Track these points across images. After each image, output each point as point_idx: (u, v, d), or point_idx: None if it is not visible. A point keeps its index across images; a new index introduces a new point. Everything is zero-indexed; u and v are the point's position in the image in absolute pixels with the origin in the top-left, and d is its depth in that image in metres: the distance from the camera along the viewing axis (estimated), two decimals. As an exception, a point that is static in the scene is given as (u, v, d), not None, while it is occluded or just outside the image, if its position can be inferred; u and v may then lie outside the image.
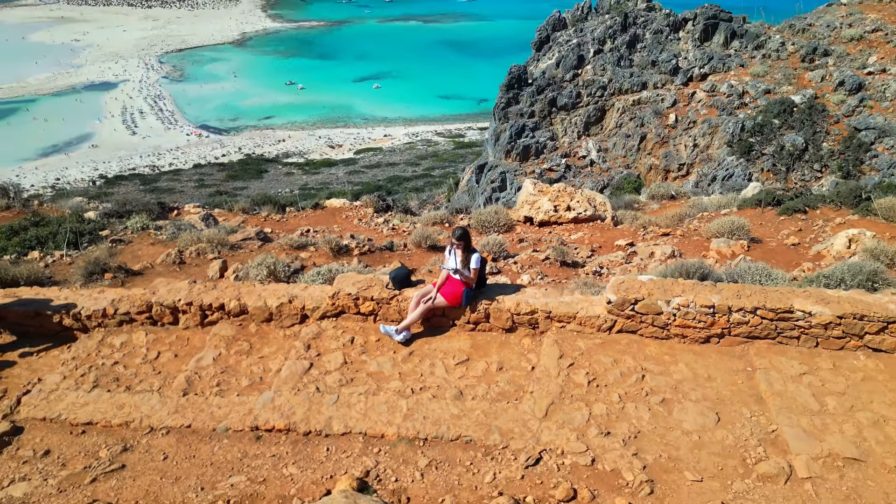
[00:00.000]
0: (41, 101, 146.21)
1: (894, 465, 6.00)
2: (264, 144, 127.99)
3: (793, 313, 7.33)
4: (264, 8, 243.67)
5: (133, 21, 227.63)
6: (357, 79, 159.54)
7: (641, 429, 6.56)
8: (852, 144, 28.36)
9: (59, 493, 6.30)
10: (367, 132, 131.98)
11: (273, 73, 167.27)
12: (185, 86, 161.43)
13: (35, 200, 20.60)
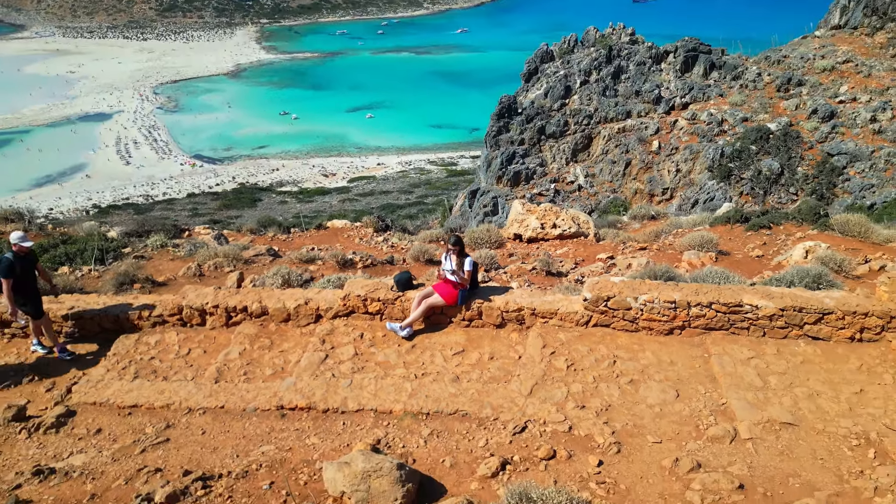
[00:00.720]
0: (35, 132, 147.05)
1: (822, 428, 7.14)
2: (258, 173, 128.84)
3: (742, 307, 8.52)
4: (258, 40, 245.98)
5: (128, 53, 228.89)
6: (350, 109, 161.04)
7: (612, 403, 7.69)
8: (825, 169, 29.87)
9: (113, 462, 7.35)
10: (360, 161, 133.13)
11: (267, 104, 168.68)
12: (180, 116, 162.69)
13: (49, 224, 21.73)
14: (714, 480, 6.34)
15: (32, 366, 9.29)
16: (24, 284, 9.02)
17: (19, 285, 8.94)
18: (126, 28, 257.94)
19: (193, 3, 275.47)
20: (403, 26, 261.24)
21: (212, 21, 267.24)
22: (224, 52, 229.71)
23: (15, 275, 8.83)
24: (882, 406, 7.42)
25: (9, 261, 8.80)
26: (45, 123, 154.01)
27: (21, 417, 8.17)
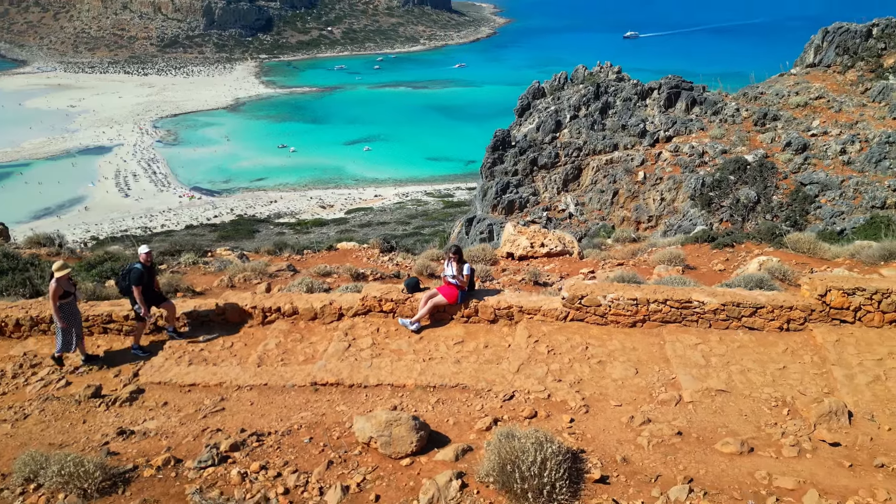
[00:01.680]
0: (35, 165, 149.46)
1: (749, 394, 8.96)
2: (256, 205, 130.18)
3: (691, 303, 10.39)
4: (258, 75, 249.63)
5: (129, 88, 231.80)
6: (348, 142, 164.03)
7: (583, 378, 9.50)
8: (798, 197, 31.94)
9: (181, 425, 9.10)
10: (357, 192, 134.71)
11: (265, 137, 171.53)
12: (179, 149, 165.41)
13: (78, 248, 23.59)
14: (659, 429, 8.14)
15: (103, 358, 11.06)
16: (148, 288, 10.85)
17: (144, 289, 10.76)
18: (127, 63, 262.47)
19: (194, 40, 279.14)
20: (401, 62, 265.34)
21: (212, 56, 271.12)
22: (223, 86, 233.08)
23: (143, 282, 10.67)
24: (799, 379, 9.24)
25: (139, 271, 10.64)
26: (45, 157, 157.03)
27: (98, 395, 9.93)
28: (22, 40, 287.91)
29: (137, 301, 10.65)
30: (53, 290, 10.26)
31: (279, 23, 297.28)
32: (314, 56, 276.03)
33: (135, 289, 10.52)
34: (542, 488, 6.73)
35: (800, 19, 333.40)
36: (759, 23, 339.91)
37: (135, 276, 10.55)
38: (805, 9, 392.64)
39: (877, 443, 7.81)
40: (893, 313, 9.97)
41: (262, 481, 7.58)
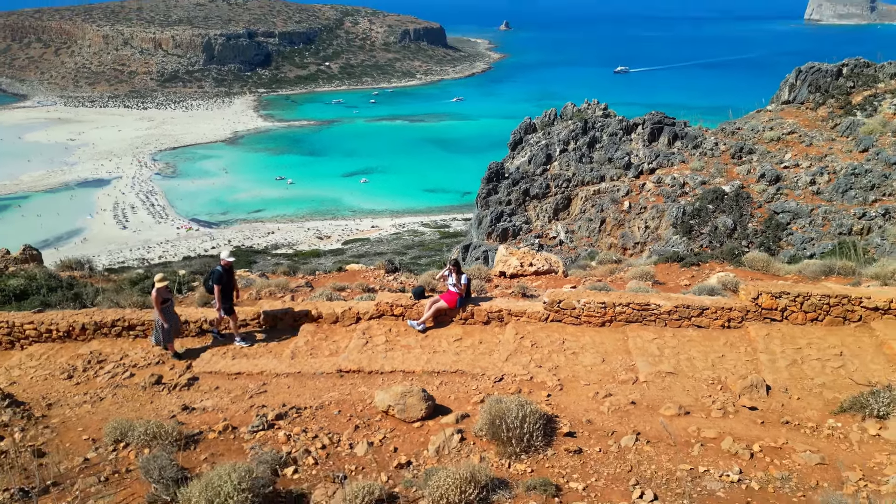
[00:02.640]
0: (34, 198, 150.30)
1: (692, 375, 11.09)
2: (254, 236, 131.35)
3: (650, 306, 12.57)
4: (256, 108, 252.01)
5: (129, 121, 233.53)
6: (345, 174, 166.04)
7: (559, 365, 11.63)
8: (772, 225, 34.30)
9: (232, 403, 11.17)
10: (354, 224, 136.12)
11: (263, 169, 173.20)
12: (178, 181, 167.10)
13: (106, 272, 25.69)
14: (617, 400, 10.26)
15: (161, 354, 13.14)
16: (227, 290, 12.96)
17: (224, 290, 12.87)
18: (127, 97, 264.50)
19: (194, 74, 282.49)
20: (397, 96, 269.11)
21: (211, 91, 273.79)
22: (222, 119, 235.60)
23: (223, 282, 12.79)
24: (733, 364, 11.39)
25: (219, 272, 12.81)
26: (44, 189, 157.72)
27: (159, 382, 12.01)
28: (23, 75, 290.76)
29: (215, 297, 12.78)
30: (155, 297, 12.46)
31: (277, 58, 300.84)
32: (312, 90, 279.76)
33: (215, 287, 12.67)
34: (522, 436, 8.84)
35: (792, 54, 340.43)
36: (750, 58, 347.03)
37: (215, 277, 12.73)
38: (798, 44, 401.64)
39: (786, 408, 9.96)
40: (813, 312, 12.16)
41: (303, 440, 9.67)
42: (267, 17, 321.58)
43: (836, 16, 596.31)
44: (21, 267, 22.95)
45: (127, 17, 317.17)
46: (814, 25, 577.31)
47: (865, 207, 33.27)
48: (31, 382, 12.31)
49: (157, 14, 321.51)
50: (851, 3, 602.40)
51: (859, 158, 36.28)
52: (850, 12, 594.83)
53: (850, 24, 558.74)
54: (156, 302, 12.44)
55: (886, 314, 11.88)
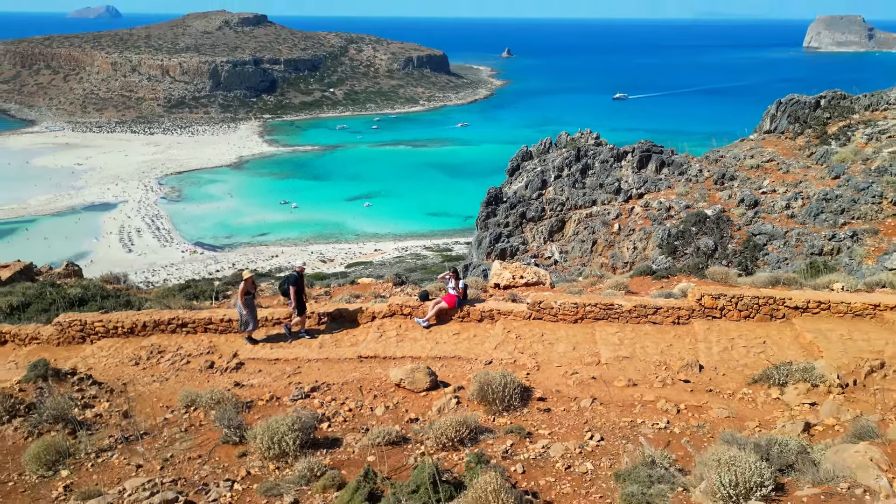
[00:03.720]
0: (41, 222, 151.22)
1: (644, 358, 13.79)
2: (258, 260, 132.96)
3: (613, 306, 15.29)
4: (261, 134, 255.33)
5: (135, 146, 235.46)
6: (349, 198, 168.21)
7: (538, 352, 14.34)
8: (750, 246, 37.01)
9: (274, 381, 13.86)
10: (358, 247, 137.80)
11: (268, 193, 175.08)
12: (183, 205, 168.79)
13: (140, 284, 28.41)
14: (581, 377, 12.96)
15: (211, 345, 15.87)
16: (300, 293, 15.70)
17: (297, 291, 15.59)
18: (134, 123, 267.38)
19: (200, 100, 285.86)
20: (400, 121, 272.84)
21: (217, 116, 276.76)
22: (227, 145, 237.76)
23: (298, 285, 15.52)
24: (678, 351, 14.09)
25: (296, 276, 15.59)
26: (51, 213, 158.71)
27: (212, 367, 14.70)
28: (31, 101, 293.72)
29: (291, 298, 15.48)
30: (242, 289, 15.22)
31: (283, 84, 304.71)
32: (316, 116, 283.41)
33: (291, 288, 15.41)
34: (504, 399, 11.54)
35: (791, 81, 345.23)
36: (749, 85, 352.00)
37: (291, 280, 15.53)
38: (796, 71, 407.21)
39: (713, 381, 12.65)
40: (746, 311, 14.89)
41: (334, 406, 12.37)
42: (273, 45, 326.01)
43: (834, 43, 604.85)
44: (65, 280, 25.77)
45: (135, 45, 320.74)
46: (813, 53, 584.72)
47: (835, 230, 36.01)
48: (105, 368, 15.01)
49: (164, 42, 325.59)
50: (849, 31, 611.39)
51: (831, 185, 39.11)
52: (849, 40, 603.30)
53: (849, 52, 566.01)
54: (240, 293, 15.16)
55: (805, 312, 14.59)
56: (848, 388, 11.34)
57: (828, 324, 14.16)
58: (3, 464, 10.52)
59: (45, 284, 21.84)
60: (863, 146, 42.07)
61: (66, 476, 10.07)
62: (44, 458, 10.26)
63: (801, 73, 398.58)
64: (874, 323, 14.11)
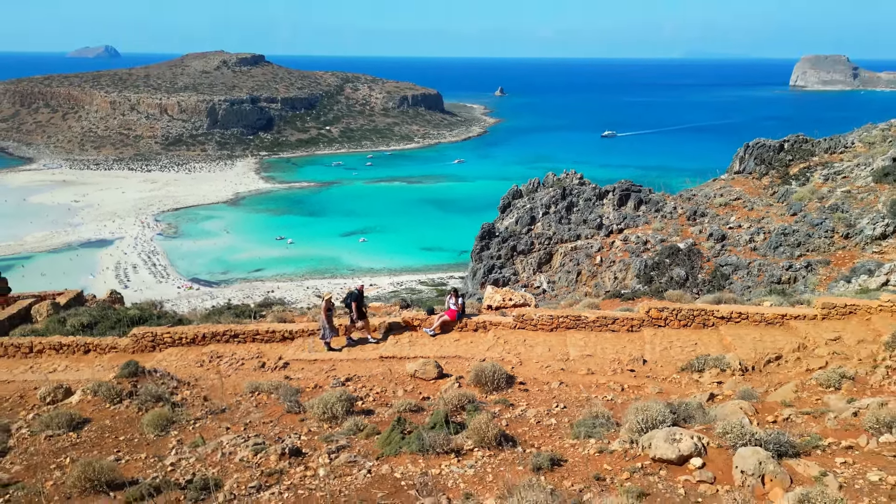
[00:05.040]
0: (37, 258, 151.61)
1: (603, 356, 17.76)
2: (253, 295, 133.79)
3: (580, 317, 19.31)
4: (258, 170, 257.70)
5: (133, 183, 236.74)
6: (344, 233, 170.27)
7: (521, 352, 18.31)
8: (717, 275, 41.09)
9: (314, 375, 17.74)
10: (353, 282, 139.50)
11: (264, 229, 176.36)
12: (179, 242, 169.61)
13: (168, 312, 32.15)
14: (553, 369, 16.92)
15: (259, 352, 19.75)
16: (360, 306, 19.59)
17: (358, 306, 19.48)
18: (132, 160, 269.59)
19: (197, 138, 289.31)
20: (396, 158, 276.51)
21: (214, 153, 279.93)
22: (224, 181, 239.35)
23: (358, 301, 19.42)
24: (629, 351, 18.06)
25: (355, 294, 19.49)
26: (48, 250, 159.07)
27: (264, 366, 18.56)
28: (30, 139, 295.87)
29: (352, 311, 19.37)
30: (324, 306, 19.12)
31: (279, 122, 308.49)
32: (313, 153, 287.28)
33: (353, 303, 19.31)
34: (493, 382, 15.47)
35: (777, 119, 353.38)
36: (736, 122, 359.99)
37: (353, 296, 19.42)
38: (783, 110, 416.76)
39: (653, 370, 16.63)
40: (685, 321, 18.91)
41: (364, 390, 16.25)
42: (270, 84, 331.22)
43: (820, 82, 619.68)
44: (113, 306, 29.58)
45: (134, 84, 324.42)
46: (799, 91, 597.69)
47: (792, 261, 40.26)
48: (176, 369, 18.82)
49: (163, 81, 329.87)
50: (834, 70, 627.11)
51: (790, 221, 43.49)
52: (834, 79, 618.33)
53: (834, 91, 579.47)
54: (324, 310, 19.08)
55: (729, 321, 18.63)
56: (748, 372, 15.35)
57: (746, 330, 18.19)
58: (126, 428, 14.33)
59: (105, 307, 25.68)
60: (820, 185, 46.60)
61: (175, 435, 13.88)
62: (157, 423, 14.08)
63: (788, 111, 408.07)
64: (781, 329, 18.14)
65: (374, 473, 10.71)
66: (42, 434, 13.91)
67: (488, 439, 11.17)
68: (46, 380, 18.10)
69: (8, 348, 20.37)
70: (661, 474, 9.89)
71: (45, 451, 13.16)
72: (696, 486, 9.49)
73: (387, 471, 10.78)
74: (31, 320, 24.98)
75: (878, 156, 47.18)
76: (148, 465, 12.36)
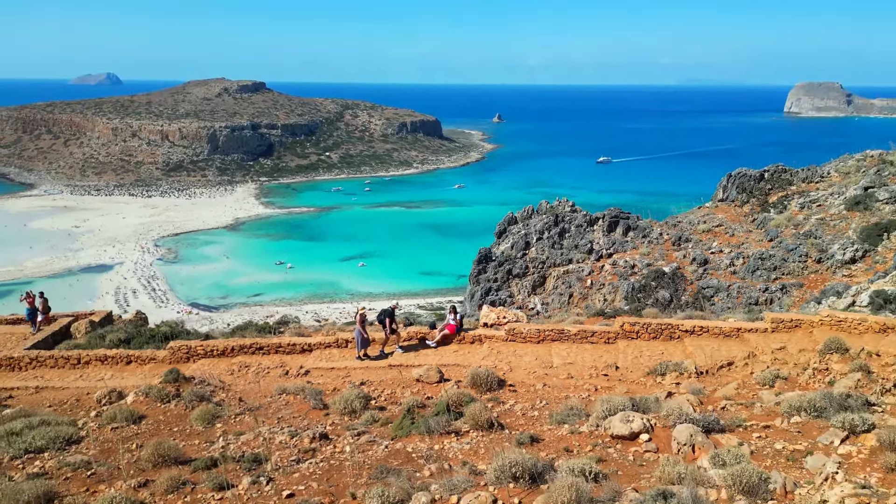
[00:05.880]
0: (37, 284, 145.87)
1: (582, 364, 20.53)
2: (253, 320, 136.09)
3: (563, 331, 22.09)
4: (258, 196, 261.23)
5: (133, 209, 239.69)
6: (344, 258, 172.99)
7: (511, 361, 21.08)
8: (699, 297, 43.87)
9: (332, 381, 20.46)
10: (352, 306, 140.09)
11: (264, 254, 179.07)
12: (179, 267, 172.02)
13: (191, 331, 34.77)
14: (538, 374, 19.68)
15: (282, 362, 22.45)
16: (392, 321, 22.28)
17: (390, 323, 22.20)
18: (132, 186, 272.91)
19: (198, 164, 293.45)
20: (395, 183, 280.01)
21: (214, 179, 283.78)
22: (224, 207, 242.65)
23: (392, 318, 22.13)
24: (605, 360, 20.82)
25: (388, 311, 22.19)
26: (47, 275, 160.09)
27: (287, 374, 21.27)
28: (31, 165, 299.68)
29: (386, 327, 22.08)
30: (359, 318, 21.83)
31: (279, 148, 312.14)
32: (312, 178, 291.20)
33: (386, 319, 22.05)
34: (487, 384, 18.22)
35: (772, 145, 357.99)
36: (732, 148, 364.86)
37: (386, 313, 22.16)
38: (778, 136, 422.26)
39: (623, 375, 19.39)
40: (654, 333, 21.69)
41: (376, 392, 18.98)
42: (270, 111, 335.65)
43: (814, 109, 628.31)
44: (139, 326, 32.26)
45: (136, 111, 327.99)
46: (793, 118, 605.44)
47: (768, 284, 43.10)
48: (210, 377, 21.52)
49: (165, 108, 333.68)
50: (828, 97, 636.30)
51: (767, 246, 46.42)
52: (828, 105, 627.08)
53: (829, 117, 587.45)
54: (359, 321, 21.82)
55: (692, 334, 21.42)
56: (703, 375, 18.13)
57: (706, 341, 20.98)
58: (178, 422, 17.01)
59: (138, 325, 28.43)
60: (796, 213, 49.64)
61: (220, 427, 16.57)
62: (204, 417, 16.77)
63: (785, 137, 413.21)
64: (736, 340, 20.93)
65: (390, 449, 13.44)
66: (108, 426, 16.59)
67: (481, 423, 13.92)
68: (96, 386, 20.81)
69: (58, 360, 23.07)
70: (617, 447, 12.65)
71: (113, 440, 15.82)
72: (642, 455, 12.24)
73: (400, 447, 13.51)
74: (71, 337, 27.71)
75: (851, 185, 50.31)
76: (202, 448, 15.03)
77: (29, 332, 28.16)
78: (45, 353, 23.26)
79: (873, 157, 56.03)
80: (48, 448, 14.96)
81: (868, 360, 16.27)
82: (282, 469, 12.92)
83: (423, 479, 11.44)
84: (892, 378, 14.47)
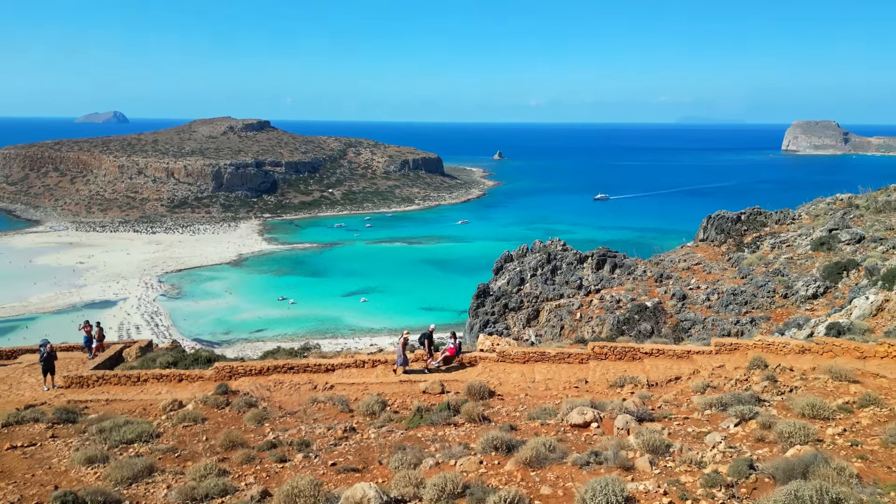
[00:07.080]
0: (41, 319, 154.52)
1: (559, 379, 24.97)
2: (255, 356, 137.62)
3: (545, 353, 26.55)
4: (261, 232, 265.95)
5: (138, 245, 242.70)
6: (345, 293, 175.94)
7: (501, 377, 25.52)
8: (678, 329, 48.21)
9: (353, 392, 24.86)
10: (353, 342, 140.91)
11: (266, 290, 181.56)
12: (182, 302, 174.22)
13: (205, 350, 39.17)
14: (522, 387, 24.11)
15: (310, 379, 26.90)
16: (430, 344, 26.70)
17: (429, 344, 26.65)
18: (137, 222, 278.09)
19: (202, 200, 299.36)
20: (397, 220, 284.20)
21: (218, 215, 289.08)
22: (228, 243, 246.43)
23: (430, 339, 26.62)
24: (578, 376, 25.23)
25: (428, 334, 26.63)
26: (52, 311, 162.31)
27: (315, 388, 25.66)
28: (37, 202, 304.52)
29: (425, 348, 26.51)
30: (402, 342, 26.20)
31: (283, 185, 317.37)
32: (315, 215, 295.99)
33: (426, 341, 26.49)
34: (480, 393, 22.67)
35: (770, 182, 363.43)
36: (729, 185, 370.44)
37: (425, 336, 26.57)
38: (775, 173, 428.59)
39: (591, 388, 23.81)
40: (620, 354, 26.13)
41: (391, 400, 23.40)
42: (275, 149, 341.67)
43: (811, 147, 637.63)
44: (173, 352, 36.64)
45: (143, 149, 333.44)
46: (791, 155, 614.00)
47: (739, 317, 47.52)
48: (251, 391, 25.89)
49: (171, 146, 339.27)
50: (825, 135, 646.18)
51: (739, 283, 50.95)
52: (825, 143, 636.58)
53: (826, 155, 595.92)
54: (401, 344, 26.21)
55: (650, 356, 25.86)
56: (654, 386, 22.55)
57: (662, 361, 25.42)
58: (233, 422, 21.39)
59: (179, 351, 32.87)
60: (767, 253, 54.29)
61: (268, 425, 20.96)
62: (255, 418, 21.17)
63: (781, 174, 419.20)
64: (686, 360, 25.37)
65: (405, 435, 17.87)
66: (180, 425, 20.99)
67: (474, 417, 18.36)
68: (157, 399, 25.19)
69: (121, 378, 27.47)
70: (574, 432, 17.08)
71: (185, 434, 20.20)
72: (592, 437, 16.66)
73: (412, 434, 17.94)
74: (124, 360, 32.14)
75: (818, 227, 55.04)
76: (258, 440, 19.42)
77: (85, 357, 32.59)
78: (109, 373, 27.65)
79: (843, 200, 60.94)
80: (136, 441, 19.28)
81: (780, 374, 20.72)
82: (324, 449, 17.30)
83: (430, 452, 15.86)
84: (790, 384, 18.92)
